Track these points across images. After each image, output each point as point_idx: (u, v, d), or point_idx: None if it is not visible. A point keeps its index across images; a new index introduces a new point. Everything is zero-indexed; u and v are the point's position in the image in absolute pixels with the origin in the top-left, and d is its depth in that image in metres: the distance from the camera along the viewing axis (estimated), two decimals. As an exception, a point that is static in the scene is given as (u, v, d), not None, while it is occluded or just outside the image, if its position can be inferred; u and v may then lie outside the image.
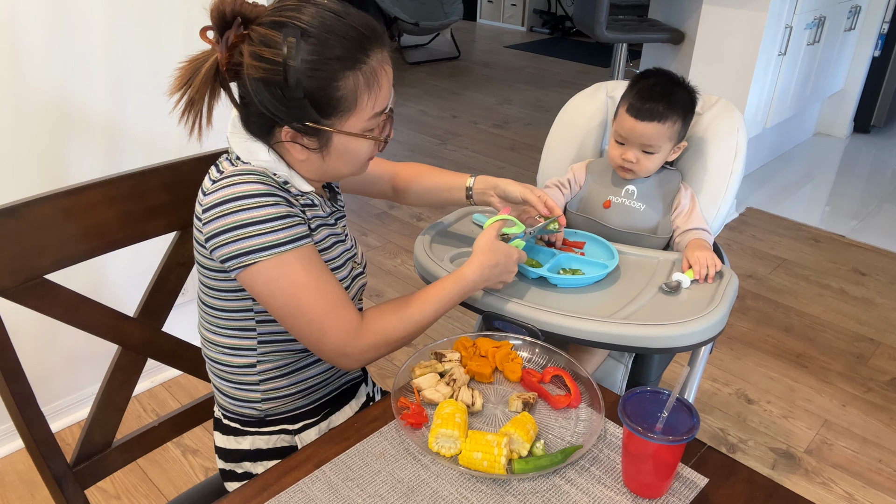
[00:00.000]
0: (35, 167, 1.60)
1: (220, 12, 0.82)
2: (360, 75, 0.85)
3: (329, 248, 0.98)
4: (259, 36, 0.82)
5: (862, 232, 3.06)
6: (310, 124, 0.86)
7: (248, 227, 0.84)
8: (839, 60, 3.63)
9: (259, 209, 0.85)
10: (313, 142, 0.89)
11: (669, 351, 1.11)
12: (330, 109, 0.86)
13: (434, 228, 1.33)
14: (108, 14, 1.60)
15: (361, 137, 0.90)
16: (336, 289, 0.90)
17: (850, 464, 1.83)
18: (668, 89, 1.32)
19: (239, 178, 0.87)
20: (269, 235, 0.85)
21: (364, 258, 1.12)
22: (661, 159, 1.35)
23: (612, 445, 0.88)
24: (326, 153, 0.90)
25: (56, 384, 1.83)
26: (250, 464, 1.06)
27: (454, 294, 0.99)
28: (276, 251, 0.85)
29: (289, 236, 0.86)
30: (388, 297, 2.52)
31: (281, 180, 0.91)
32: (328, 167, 0.93)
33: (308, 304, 0.88)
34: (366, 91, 0.86)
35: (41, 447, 0.93)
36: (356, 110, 0.87)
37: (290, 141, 0.88)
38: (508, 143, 4.05)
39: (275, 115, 0.86)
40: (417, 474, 0.83)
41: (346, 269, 1.01)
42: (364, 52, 0.85)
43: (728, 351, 2.27)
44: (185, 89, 0.85)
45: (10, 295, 0.87)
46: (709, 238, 1.33)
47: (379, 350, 0.94)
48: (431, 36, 6.21)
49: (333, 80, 0.83)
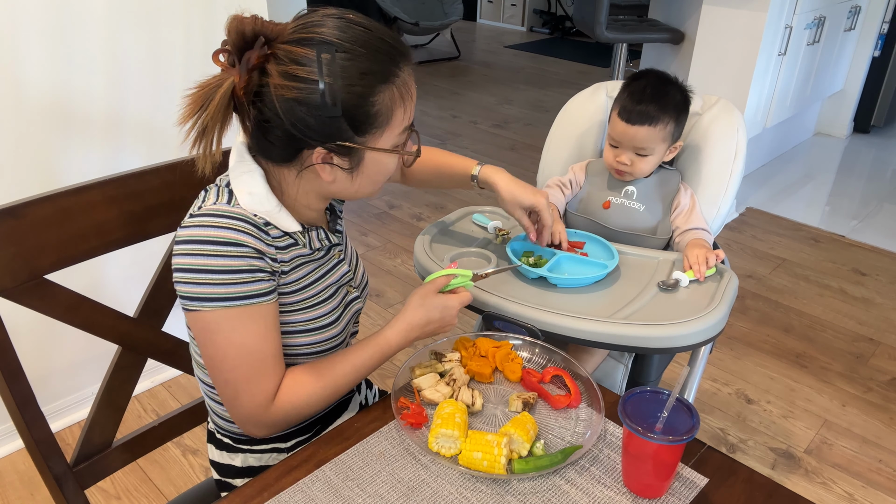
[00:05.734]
0: (35, 167, 1.60)
1: (239, 32, 0.77)
2: (394, 89, 0.82)
3: (309, 285, 0.94)
4: (287, 54, 0.78)
5: (862, 232, 3.06)
6: (344, 143, 0.83)
7: (202, 274, 0.81)
8: (839, 60, 3.63)
9: (219, 258, 0.81)
10: (345, 161, 0.85)
11: (669, 351, 1.11)
12: (366, 126, 0.83)
13: (434, 228, 1.33)
14: (108, 15, 1.60)
15: (394, 153, 0.87)
16: (267, 357, 0.87)
17: (850, 464, 1.83)
18: (660, 91, 1.31)
19: (213, 220, 0.83)
20: (219, 287, 0.82)
21: (365, 278, 1.09)
22: (656, 161, 1.35)
23: (612, 445, 0.88)
24: (357, 172, 0.87)
25: (56, 384, 1.83)
26: (242, 481, 1.05)
27: (376, 360, 0.94)
28: (222, 304, 0.82)
29: (240, 293, 0.83)
30: (387, 298, 2.52)
31: (262, 222, 0.86)
32: (355, 187, 0.89)
33: (231, 365, 0.85)
34: (400, 105, 0.84)
35: (41, 447, 0.93)
36: (390, 126, 0.84)
37: (320, 163, 0.84)
38: (508, 143, 4.05)
39: (307, 136, 0.81)
40: (417, 474, 0.83)
41: (335, 299, 0.98)
42: (396, 65, 0.82)
43: (728, 351, 2.27)
44: (199, 116, 0.79)
45: (10, 295, 0.87)
46: (709, 238, 1.33)
47: (289, 421, 0.92)
48: (431, 36, 6.20)
49: (370, 96, 0.80)
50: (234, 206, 0.85)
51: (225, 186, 0.87)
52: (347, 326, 1.02)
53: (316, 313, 0.95)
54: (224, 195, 0.86)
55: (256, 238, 0.84)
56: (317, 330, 0.95)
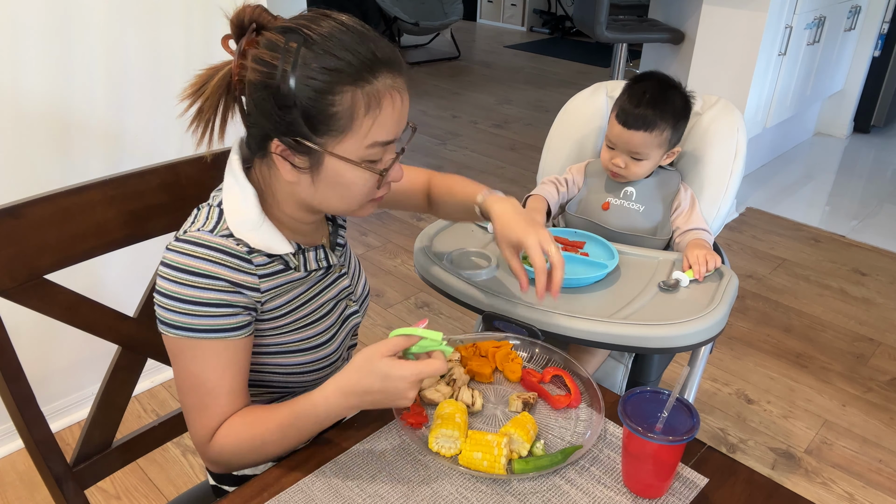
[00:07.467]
0: (35, 168, 1.60)
1: (238, 19, 0.80)
2: (359, 94, 0.78)
3: (300, 306, 0.92)
4: (265, 40, 0.79)
5: (862, 232, 3.06)
6: (301, 140, 0.80)
7: (172, 301, 0.81)
8: (839, 60, 3.63)
9: (190, 288, 0.81)
10: (304, 160, 0.82)
11: (669, 351, 1.11)
12: (322, 126, 0.79)
13: (434, 228, 1.33)
14: (108, 16, 1.60)
15: (355, 165, 0.82)
16: (220, 393, 0.85)
17: (850, 464, 1.83)
18: (660, 96, 1.31)
19: (192, 248, 0.82)
20: (185, 317, 0.81)
21: (366, 290, 1.07)
22: (651, 166, 1.35)
23: (612, 445, 0.88)
24: (317, 177, 0.83)
25: (56, 384, 1.83)
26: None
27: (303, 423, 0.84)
28: (184, 333, 0.82)
29: (204, 325, 0.82)
30: (387, 298, 2.52)
31: (244, 251, 0.84)
32: (318, 195, 0.85)
33: (185, 392, 0.86)
34: (366, 114, 0.79)
35: (41, 447, 0.92)
36: (351, 132, 0.79)
37: (279, 155, 0.82)
38: (508, 143, 4.05)
39: (266, 123, 0.81)
40: (417, 474, 0.83)
41: (331, 316, 0.96)
42: (370, 72, 0.78)
43: (728, 351, 2.27)
44: (196, 97, 0.81)
45: (10, 295, 0.87)
46: (709, 238, 1.33)
47: (231, 464, 0.90)
48: (431, 36, 6.21)
49: (328, 93, 0.77)
50: (220, 231, 0.84)
51: (217, 206, 0.86)
52: (344, 341, 1.00)
53: (307, 333, 0.93)
54: (213, 217, 0.85)
55: (235, 270, 0.83)
56: (308, 350, 0.94)
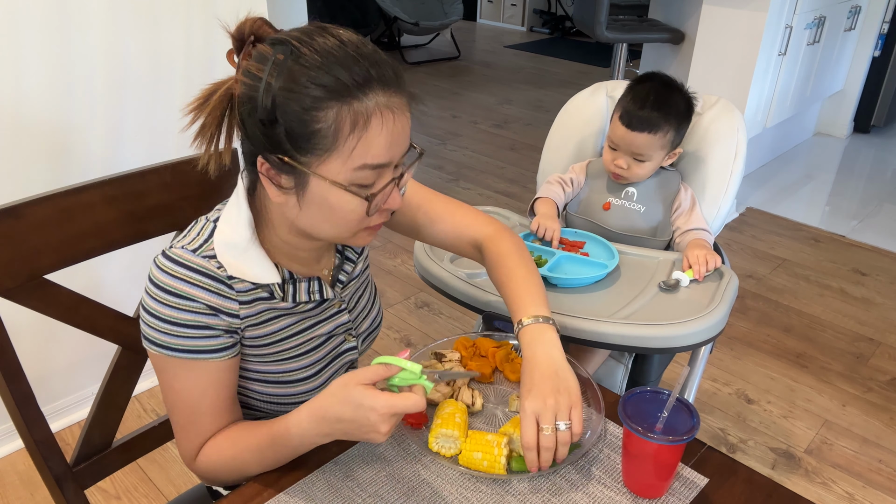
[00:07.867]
0: (35, 168, 1.60)
1: (239, 32, 0.77)
2: (345, 111, 0.72)
3: (285, 338, 0.89)
4: (256, 52, 0.75)
5: (862, 232, 3.06)
6: (283, 158, 0.75)
7: (152, 318, 0.80)
8: (839, 60, 3.63)
9: (168, 308, 0.79)
10: (289, 180, 0.77)
11: (669, 351, 1.11)
12: (305, 143, 0.74)
13: (434, 228, 1.33)
14: (108, 17, 1.60)
15: (342, 188, 0.76)
16: (202, 412, 0.85)
17: (850, 464, 1.83)
18: (663, 98, 1.31)
19: (173, 266, 0.80)
20: (164, 335, 0.80)
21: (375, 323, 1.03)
22: (653, 167, 1.35)
23: (612, 445, 0.88)
24: (303, 199, 0.78)
25: (56, 384, 1.83)
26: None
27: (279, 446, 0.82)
28: (164, 351, 0.82)
29: (182, 345, 0.81)
30: (388, 298, 2.52)
31: (225, 275, 0.81)
32: (305, 218, 0.80)
33: (170, 408, 0.86)
34: (350, 132, 0.73)
35: (41, 447, 0.92)
36: (336, 152, 0.74)
37: (264, 175, 0.78)
38: (508, 143, 4.05)
39: (252, 139, 0.77)
40: (417, 474, 0.83)
41: (319, 351, 0.93)
42: (361, 90, 0.73)
43: (728, 351, 2.27)
44: (200, 113, 0.77)
45: (10, 295, 0.87)
46: (709, 238, 1.33)
47: (217, 479, 0.91)
48: (431, 36, 6.21)
49: (312, 109, 0.72)
50: (203, 252, 0.82)
51: (213, 222, 0.85)
52: (334, 377, 0.95)
53: (291, 366, 0.91)
54: (203, 235, 0.83)
55: (213, 293, 0.81)
56: (290, 383, 0.91)
